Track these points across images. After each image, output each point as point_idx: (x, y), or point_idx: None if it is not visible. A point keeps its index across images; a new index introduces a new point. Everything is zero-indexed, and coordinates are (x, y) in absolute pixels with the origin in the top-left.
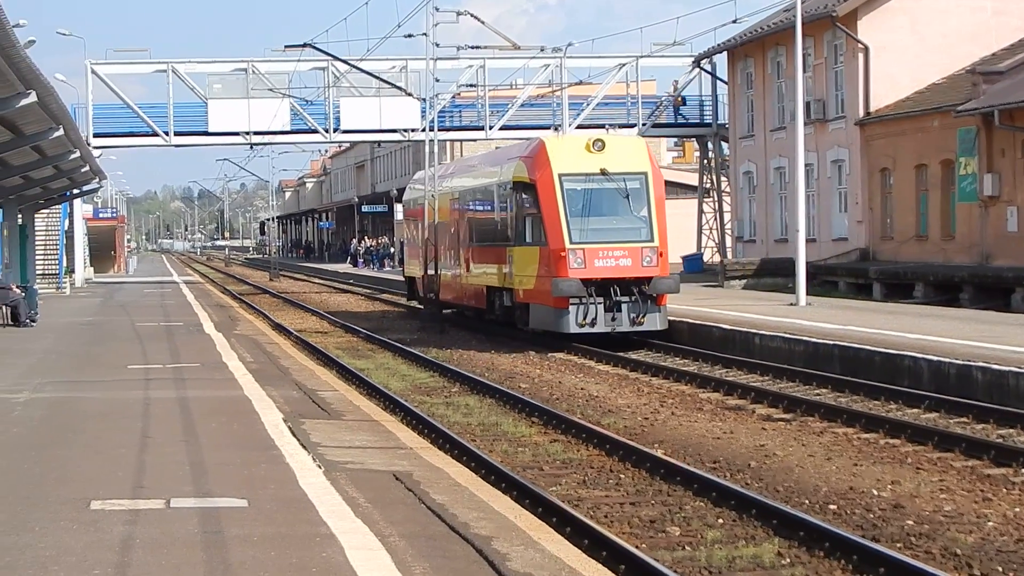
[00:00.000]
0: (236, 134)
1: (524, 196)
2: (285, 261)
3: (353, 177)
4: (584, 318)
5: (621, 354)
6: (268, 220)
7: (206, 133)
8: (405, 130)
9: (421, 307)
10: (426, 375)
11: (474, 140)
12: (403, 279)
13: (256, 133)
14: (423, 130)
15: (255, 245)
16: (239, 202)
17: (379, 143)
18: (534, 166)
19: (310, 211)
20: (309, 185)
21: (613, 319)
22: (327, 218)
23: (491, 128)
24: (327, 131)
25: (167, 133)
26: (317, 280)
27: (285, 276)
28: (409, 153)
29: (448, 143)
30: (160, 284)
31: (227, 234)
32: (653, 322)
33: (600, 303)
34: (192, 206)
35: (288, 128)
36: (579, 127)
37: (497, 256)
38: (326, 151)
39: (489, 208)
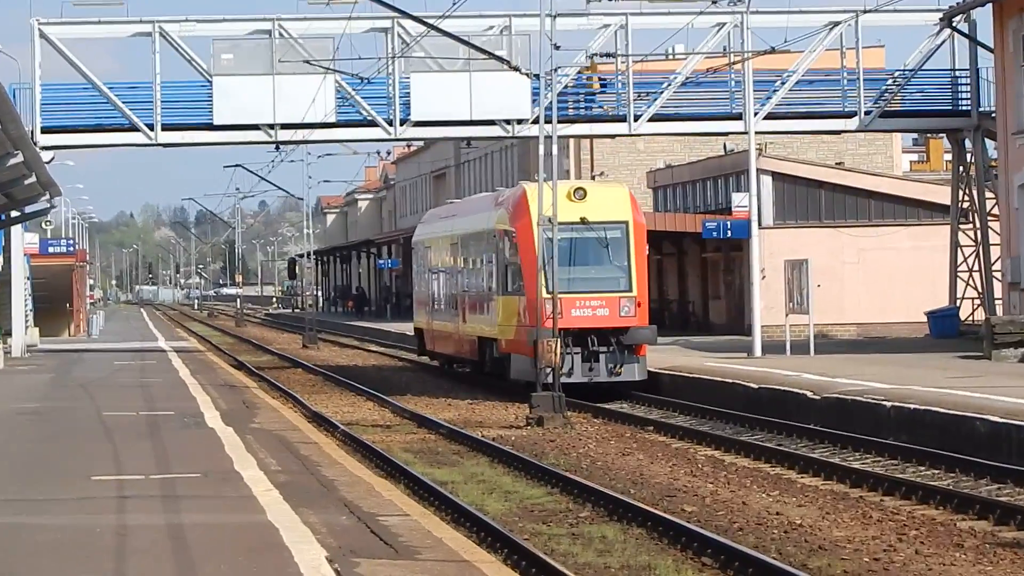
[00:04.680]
0: (255, 128)
1: (506, 244)
2: (326, 318)
3: (429, 192)
4: (561, 368)
5: (838, 462)
6: (301, 256)
7: (209, 127)
8: (507, 121)
9: (434, 364)
10: (541, 491)
11: (612, 136)
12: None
13: (284, 126)
14: (534, 122)
15: (281, 294)
16: (258, 230)
17: (468, 141)
18: (515, 215)
19: (364, 243)
20: (363, 204)
21: (591, 369)
22: (389, 253)
23: (636, 119)
24: (391, 124)
25: (151, 127)
26: (374, 348)
27: (326, 341)
28: (513, 156)
29: (571, 140)
30: (140, 353)
31: (239, 278)
32: (631, 372)
33: (578, 353)
34: (187, 236)
35: (333, 120)
36: (768, 117)
37: (486, 305)
38: (388, 153)
39: (477, 255)
